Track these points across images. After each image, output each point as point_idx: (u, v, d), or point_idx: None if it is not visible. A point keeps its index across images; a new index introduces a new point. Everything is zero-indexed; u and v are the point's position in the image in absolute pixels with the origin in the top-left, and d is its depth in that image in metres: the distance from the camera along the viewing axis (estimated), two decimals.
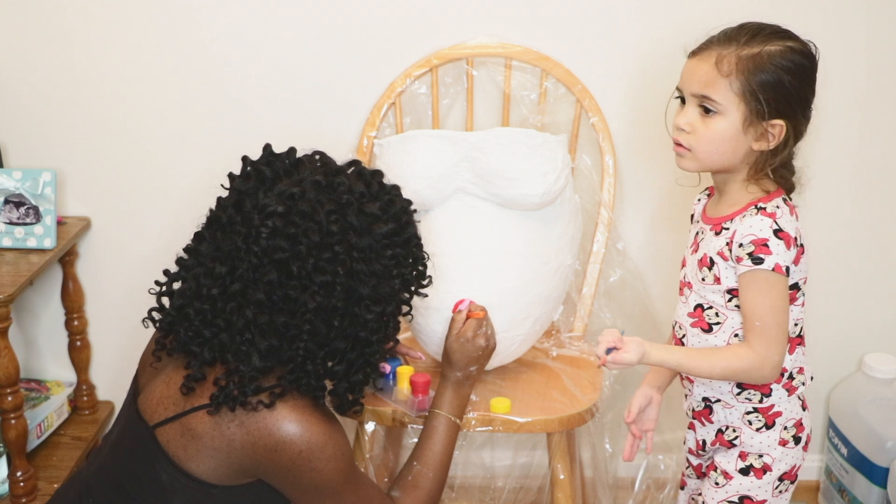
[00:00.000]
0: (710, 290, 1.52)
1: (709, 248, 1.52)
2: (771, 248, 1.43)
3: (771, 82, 1.43)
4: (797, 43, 1.47)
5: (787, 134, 1.45)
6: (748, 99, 1.43)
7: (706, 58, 1.47)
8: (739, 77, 1.43)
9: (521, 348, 1.87)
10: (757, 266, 1.43)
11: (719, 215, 1.53)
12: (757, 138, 1.46)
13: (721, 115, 1.45)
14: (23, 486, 1.97)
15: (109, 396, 2.34)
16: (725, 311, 1.51)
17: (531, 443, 2.23)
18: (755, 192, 1.49)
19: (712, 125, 1.46)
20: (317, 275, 1.35)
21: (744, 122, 1.45)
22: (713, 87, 1.45)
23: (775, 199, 1.48)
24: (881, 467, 2.04)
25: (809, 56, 1.47)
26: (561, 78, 2.02)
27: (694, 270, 1.56)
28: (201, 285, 1.40)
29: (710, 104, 1.46)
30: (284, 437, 1.37)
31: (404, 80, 2.03)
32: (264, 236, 1.35)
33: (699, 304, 1.55)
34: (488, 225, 1.81)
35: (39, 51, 2.08)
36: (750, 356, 1.46)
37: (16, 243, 2.05)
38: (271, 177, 1.42)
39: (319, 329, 1.38)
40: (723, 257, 1.49)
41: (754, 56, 1.44)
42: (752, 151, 1.47)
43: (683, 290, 1.60)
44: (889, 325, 2.24)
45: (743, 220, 1.47)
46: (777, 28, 1.49)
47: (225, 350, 1.39)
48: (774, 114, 1.44)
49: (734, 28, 1.49)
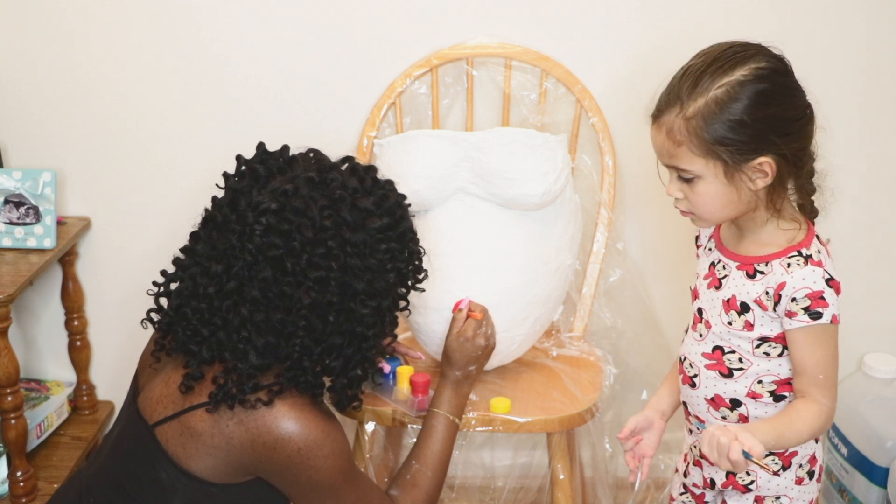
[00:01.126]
0: (736, 334, 1.45)
1: (740, 291, 1.43)
2: (827, 301, 1.36)
3: (730, 128, 1.33)
4: (750, 66, 1.35)
5: (778, 165, 1.36)
6: (715, 155, 1.35)
7: (660, 127, 1.39)
8: (694, 140, 1.35)
9: (521, 348, 1.87)
10: (816, 321, 1.36)
11: (747, 253, 1.44)
12: (751, 180, 1.37)
13: (700, 178, 1.38)
14: (23, 486, 1.97)
15: (109, 396, 2.34)
16: (751, 358, 1.45)
17: (531, 443, 2.23)
18: (787, 228, 1.41)
19: (697, 190, 1.39)
20: (311, 270, 1.35)
21: (726, 176, 1.36)
22: (676, 158, 1.38)
23: (813, 240, 1.41)
24: (881, 467, 2.04)
25: (769, 73, 1.36)
26: (561, 78, 2.02)
27: (716, 310, 1.47)
28: (198, 284, 1.41)
29: (683, 173, 1.39)
30: (283, 435, 1.37)
31: (404, 80, 2.04)
32: (258, 233, 1.36)
33: (719, 346, 1.47)
34: (488, 225, 1.81)
35: (39, 51, 2.08)
36: (823, 412, 1.40)
37: (16, 243, 2.05)
38: (265, 175, 1.43)
39: (315, 325, 1.38)
40: (761, 306, 1.41)
41: (701, 111, 1.34)
42: (756, 192, 1.39)
43: (697, 325, 1.52)
44: (889, 325, 2.24)
45: (790, 270, 1.38)
46: (725, 54, 1.37)
47: (223, 348, 1.40)
48: (752, 154, 1.34)
49: (677, 77, 1.39)
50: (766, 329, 1.42)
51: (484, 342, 1.70)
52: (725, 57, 1.36)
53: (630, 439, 1.57)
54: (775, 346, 1.43)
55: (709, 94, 1.34)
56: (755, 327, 1.43)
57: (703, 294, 1.52)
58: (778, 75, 1.37)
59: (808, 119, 1.40)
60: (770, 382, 1.45)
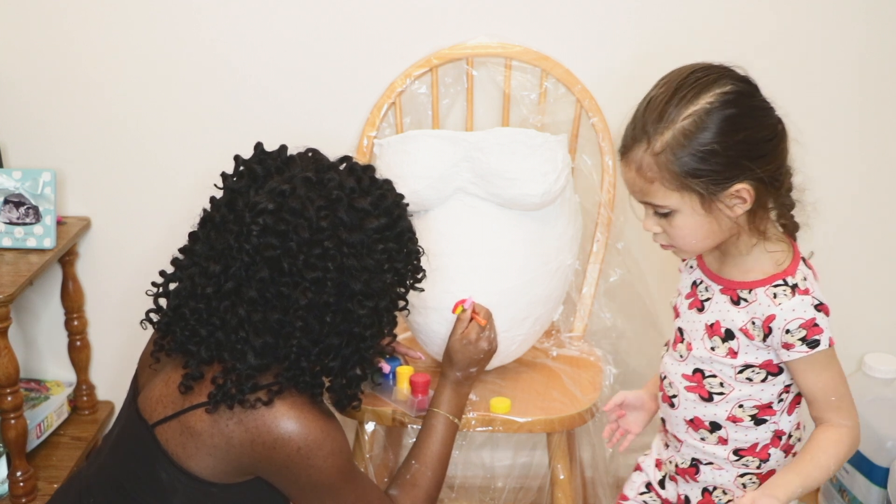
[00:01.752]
0: (719, 360, 1.43)
1: (724, 317, 1.41)
2: (821, 326, 1.35)
3: (701, 159, 1.28)
4: (715, 91, 1.30)
5: (756, 189, 1.31)
6: (690, 188, 1.30)
7: (629, 164, 1.34)
8: (665, 174, 1.30)
9: (521, 348, 1.87)
10: (815, 349, 1.35)
11: (730, 277, 1.42)
12: (730, 207, 1.32)
13: (676, 212, 1.33)
14: (22, 486, 1.97)
15: (109, 396, 2.34)
16: (732, 383, 1.42)
17: (531, 443, 2.23)
18: (775, 250, 1.38)
19: (675, 223, 1.35)
20: (307, 271, 1.35)
21: (703, 207, 1.32)
22: (650, 194, 1.34)
23: (798, 265, 1.38)
24: (881, 467, 2.04)
25: (735, 96, 1.30)
26: (561, 78, 2.02)
27: (698, 333, 1.45)
28: (196, 284, 1.41)
29: (658, 209, 1.35)
30: (283, 435, 1.37)
31: (404, 80, 2.03)
32: (255, 234, 1.35)
33: (700, 369, 1.45)
34: (488, 225, 1.81)
35: (39, 51, 2.08)
36: (847, 434, 1.38)
37: (16, 243, 2.05)
38: (263, 175, 1.42)
39: (312, 325, 1.38)
40: (747, 335, 1.39)
41: (669, 145, 1.29)
42: (736, 218, 1.34)
43: (678, 345, 1.49)
44: (889, 325, 2.24)
45: (777, 301, 1.35)
46: (688, 81, 1.32)
47: (221, 348, 1.40)
48: (727, 182, 1.30)
49: (641, 109, 1.34)
50: (750, 357, 1.40)
51: (487, 346, 1.70)
52: (688, 84, 1.31)
53: (615, 412, 1.58)
54: (758, 372, 1.41)
55: (675, 125, 1.29)
56: (739, 355, 1.41)
57: (684, 314, 1.49)
58: (744, 97, 1.32)
59: (780, 137, 1.35)
60: (751, 407, 1.44)
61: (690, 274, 1.50)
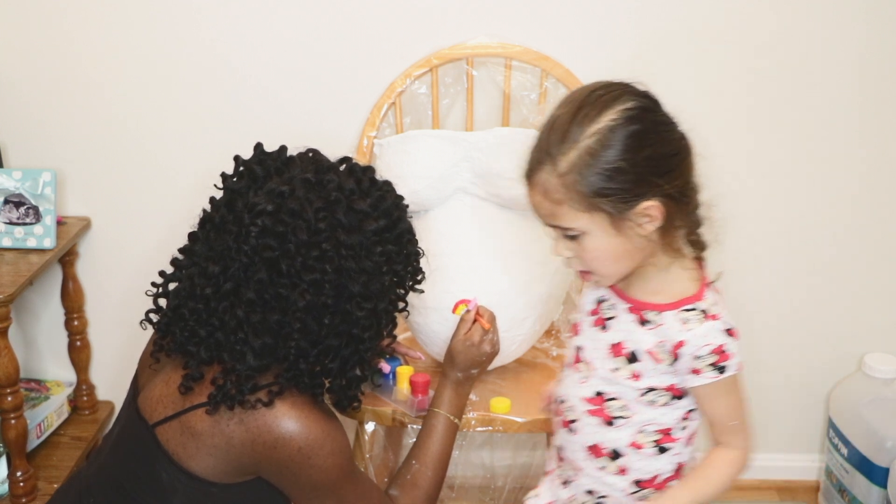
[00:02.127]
0: (621, 382, 1.38)
1: (630, 338, 1.37)
2: (729, 352, 1.32)
3: (608, 177, 1.24)
4: (617, 108, 1.26)
5: (665, 205, 1.27)
6: (598, 208, 1.26)
7: (534, 187, 1.30)
8: (573, 195, 1.26)
9: (521, 348, 1.87)
10: (723, 374, 1.32)
11: (638, 297, 1.37)
12: (639, 226, 1.28)
13: (586, 234, 1.29)
14: (23, 486, 1.97)
15: (109, 396, 2.34)
16: (635, 406, 1.38)
17: (531, 443, 2.23)
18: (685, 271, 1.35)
19: (586, 246, 1.30)
20: (306, 273, 1.35)
21: (613, 226, 1.27)
22: (558, 217, 1.29)
23: (705, 291, 1.34)
24: (881, 467, 2.04)
25: (639, 112, 1.27)
26: (561, 78, 2.02)
27: (600, 352, 1.41)
28: (195, 285, 1.40)
29: (567, 231, 1.30)
30: (283, 434, 1.37)
31: (404, 80, 2.03)
32: (254, 235, 1.35)
33: (601, 391, 1.40)
34: (488, 225, 1.81)
35: (39, 51, 2.08)
36: (740, 457, 1.38)
37: (16, 243, 2.05)
38: (262, 175, 1.42)
39: (311, 327, 1.38)
40: (654, 358, 1.35)
41: (574, 165, 1.25)
42: (648, 236, 1.30)
43: (578, 365, 1.44)
44: (889, 325, 2.24)
45: (687, 326, 1.32)
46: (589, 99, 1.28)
47: (221, 349, 1.39)
48: (635, 199, 1.26)
49: (545, 131, 1.30)
50: (654, 380, 1.37)
51: (489, 349, 1.70)
52: (590, 103, 1.27)
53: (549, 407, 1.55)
54: (662, 395, 1.38)
55: (580, 144, 1.25)
56: (643, 378, 1.37)
57: (585, 331, 1.45)
58: (647, 113, 1.28)
59: (685, 151, 1.31)
60: (653, 432, 1.40)
61: (595, 291, 1.45)
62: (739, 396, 1.37)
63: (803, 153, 2.11)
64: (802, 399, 2.30)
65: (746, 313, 2.20)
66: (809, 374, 2.27)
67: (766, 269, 2.19)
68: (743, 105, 2.08)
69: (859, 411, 2.12)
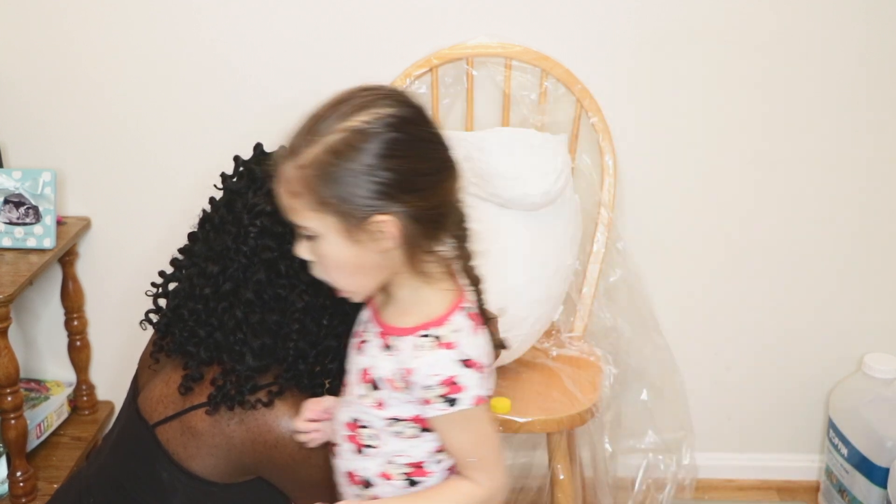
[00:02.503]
0: (367, 410, 1.30)
1: (374, 364, 1.28)
2: (462, 384, 1.22)
3: (342, 180, 1.17)
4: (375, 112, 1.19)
5: (404, 225, 1.19)
6: (328, 209, 1.18)
7: (279, 178, 1.23)
8: (306, 191, 1.18)
9: (521, 348, 1.87)
10: (454, 408, 1.22)
11: (388, 321, 1.29)
12: (375, 240, 1.20)
13: (320, 237, 1.21)
14: (22, 486, 1.97)
15: (109, 396, 2.34)
16: (383, 436, 1.29)
17: (531, 443, 2.23)
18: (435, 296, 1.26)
19: (322, 250, 1.22)
20: (304, 274, 1.35)
21: (347, 234, 1.19)
22: (293, 212, 1.22)
23: (452, 316, 1.25)
24: (881, 467, 2.04)
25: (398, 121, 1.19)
26: (561, 78, 2.02)
27: (354, 377, 1.32)
28: (194, 285, 1.41)
29: (303, 230, 1.23)
30: (284, 434, 1.37)
31: (404, 80, 2.03)
32: (252, 236, 1.36)
33: (356, 418, 1.31)
34: (488, 225, 1.80)
35: (39, 51, 2.08)
36: (480, 493, 1.27)
37: (15, 243, 2.04)
38: (262, 176, 1.42)
39: (310, 328, 1.38)
40: (393, 386, 1.26)
41: (314, 160, 1.18)
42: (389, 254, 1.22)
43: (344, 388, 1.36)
44: (889, 325, 2.24)
45: (418, 353, 1.23)
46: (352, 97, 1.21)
47: (220, 349, 1.40)
48: (369, 210, 1.17)
49: (301, 121, 1.23)
50: (397, 410, 1.27)
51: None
52: (349, 101, 1.21)
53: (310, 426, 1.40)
54: (410, 426, 1.29)
55: (324, 139, 1.18)
56: (386, 407, 1.28)
57: (349, 354, 1.36)
58: (409, 125, 1.20)
59: (446, 174, 1.24)
60: (402, 465, 1.31)
61: (366, 310, 1.37)
62: (482, 432, 1.27)
63: (803, 153, 2.11)
64: (802, 399, 2.30)
65: (746, 313, 2.21)
66: (809, 374, 2.27)
67: (766, 269, 2.19)
68: (743, 105, 2.08)
69: (859, 411, 2.12)
